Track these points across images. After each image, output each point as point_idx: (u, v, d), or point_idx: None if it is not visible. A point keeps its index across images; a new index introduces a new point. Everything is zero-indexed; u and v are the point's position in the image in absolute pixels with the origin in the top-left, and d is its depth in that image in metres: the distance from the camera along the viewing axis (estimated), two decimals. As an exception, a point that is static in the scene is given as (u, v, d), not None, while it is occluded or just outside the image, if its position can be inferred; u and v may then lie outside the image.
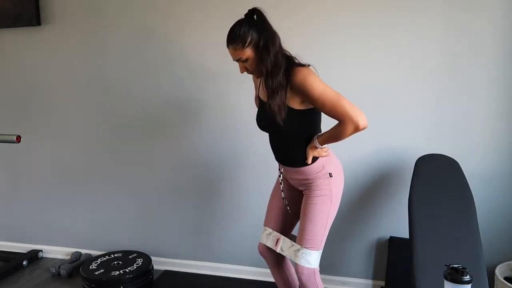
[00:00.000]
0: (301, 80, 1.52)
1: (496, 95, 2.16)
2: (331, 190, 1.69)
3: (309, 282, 1.69)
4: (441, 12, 2.14)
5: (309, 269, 1.67)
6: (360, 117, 1.52)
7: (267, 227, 1.86)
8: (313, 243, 1.67)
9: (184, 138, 2.59)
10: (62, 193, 2.87)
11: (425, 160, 2.10)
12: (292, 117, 1.59)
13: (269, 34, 1.56)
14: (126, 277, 2.37)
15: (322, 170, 1.69)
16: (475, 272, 1.59)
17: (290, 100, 1.58)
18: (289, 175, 1.78)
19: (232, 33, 1.56)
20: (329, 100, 1.52)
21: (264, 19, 1.58)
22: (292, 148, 1.68)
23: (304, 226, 1.68)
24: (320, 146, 1.64)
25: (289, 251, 1.73)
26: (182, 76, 2.50)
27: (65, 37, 2.66)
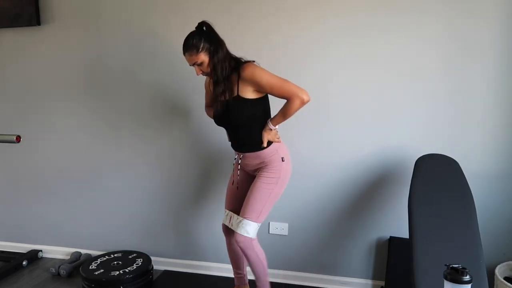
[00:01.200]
0: (249, 72, 1.81)
1: (495, 95, 2.16)
2: (280, 172, 1.93)
3: (247, 249, 1.93)
4: (440, 14, 2.15)
5: (246, 237, 1.91)
6: (304, 93, 1.80)
7: (226, 210, 2.13)
8: (253, 215, 1.91)
9: (184, 138, 2.59)
10: (62, 193, 2.87)
11: (425, 160, 2.10)
12: (246, 106, 1.86)
13: (216, 41, 1.85)
14: (126, 277, 2.37)
15: (276, 154, 1.94)
16: (475, 272, 1.59)
17: (243, 91, 1.85)
18: (246, 161, 2.01)
19: (187, 42, 1.84)
20: (276, 84, 1.81)
21: (212, 30, 1.87)
22: (248, 134, 1.93)
23: (248, 200, 1.94)
24: (273, 127, 1.91)
25: (235, 223, 1.98)
26: (182, 76, 2.50)
27: (64, 37, 2.66)
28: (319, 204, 2.47)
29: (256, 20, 2.37)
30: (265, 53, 2.36)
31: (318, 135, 2.39)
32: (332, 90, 2.34)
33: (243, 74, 1.82)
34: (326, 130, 2.38)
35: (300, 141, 2.41)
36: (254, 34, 2.38)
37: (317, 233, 2.50)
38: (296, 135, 2.40)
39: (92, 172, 2.79)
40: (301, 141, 2.41)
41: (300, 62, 2.35)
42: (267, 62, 2.24)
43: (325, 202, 2.46)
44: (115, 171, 2.75)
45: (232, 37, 2.02)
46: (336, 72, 2.31)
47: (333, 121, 2.37)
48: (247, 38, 2.38)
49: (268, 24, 2.35)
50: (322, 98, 2.34)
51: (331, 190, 2.43)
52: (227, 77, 1.85)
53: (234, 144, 2.02)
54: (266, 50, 2.37)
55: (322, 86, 2.34)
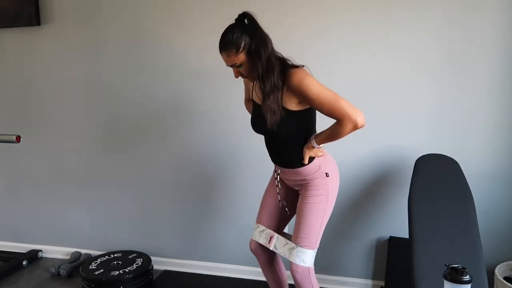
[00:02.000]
0: (298, 81, 1.54)
1: (496, 95, 2.16)
2: (327, 189, 1.70)
3: (303, 281, 1.70)
4: (441, 11, 2.14)
5: (303, 267, 1.69)
6: (359, 116, 1.53)
7: (259, 224, 1.87)
8: (308, 242, 1.68)
9: (183, 138, 2.59)
10: (62, 193, 2.87)
11: (425, 160, 2.10)
12: (289, 118, 1.60)
13: (261, 38, 1.55)
14: (126, 277, 2.37)
15: (319, 170, 1.70)
16: (474, 272, 1.59)
17: (287, 101, 1.59)
18: (285, 176, 1.79)
19: (225, 39, 1.55)
20: (327, 100, 1.54)
21: (255, 23, 1.57)
22: (288, 149, 1.70)
23: (300, 225, 1.69)
24: (317, 145, 1.66)
25: (283, 249, 1.74)
26: (181, 76, 2.50)
27: (64, 37, 2.66)
28: (319, 204, 2.46)
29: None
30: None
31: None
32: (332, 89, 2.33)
33: (290, 82, 1.54)
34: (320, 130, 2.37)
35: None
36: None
37: (317, 233, 2.50)
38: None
39: (92, 172, 2.79)
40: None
41: (298, 59, 2.33)
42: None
43: (325, 202, 2.45)
44: (115, 171, 2.75)
45: None
46: (335, 70, 2.31)
47: (333, 121, 2.36)
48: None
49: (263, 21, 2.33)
50: (322, 98, 2.34)
51: (331, 190, 2.43)
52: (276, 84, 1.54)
53: (272, 156, 1.79)
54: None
55: (322, 86, 2.34)
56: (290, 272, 1.71)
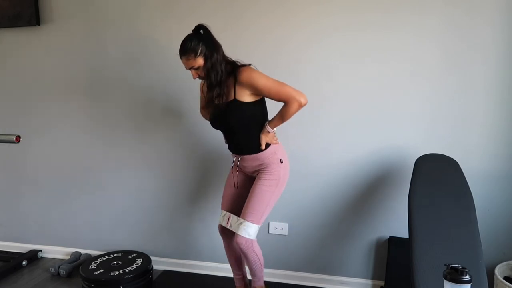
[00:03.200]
0: (246, 76, 1.80)
1: (495, 95, 2.16)
2: (279, 175, 1.95)
3: (248, 250, 1.95)
4: (440, 12, 2.15)
5: (247, 239, 1.93)
6: (302, 96, 1.81)
7: (222, 210, 2.13)
8: (254, 217, 1.92)
9: (184, 138, 2.59)
10: (62, 193, 2.87)
11: (425, 159, 2.10)
12: (243, 109, 1.86)
13: (213, 44, 1.83)
14: (126, 277, 2.37)
15: (274, 155, 1.95)
16: (474, 271, 1.59)
17: (240, 95, 1.84)
18: (245, 163, 2.01)
19: (185, 46, 1.82)
20: (273, 87, 1.81)
21: (209, 33, 1.85)
22: (246, 137, 1.94)
23: (249, 202, 1.94)
24: (271, 129, 1.91)
25: (235, 225, 1.98)
26: (181, 76, 2.50)
27: (64, 37, 2.66)
28: (319, 204, 2.47)
29: (252, 20, 2.36)
30: (260, 53, 2.36)
31: (317, 135, 2.39)
32: (331, 89, 2.34)
33: (239, 78, 1.81)
34: (326, 129, 2.38)
35: (300, 141, 2.41)
36: (249, 34, 2.38)
37: (317, 233, 2.50)
38: (296, 135, 2.40)
39: (92, 172, 2.79)
40: (301, 140, 2.41)
41: (298, 61, 2.35)
42: (263, 62, 2.25)
43: (325, 202, 2.46)
44: (114, 171, 2.75)
45: (227, 38, 2.02)
46: (335, 71, 2.31)
47: (332, 121, 2.37)
48: (242, 38, 2.38)
49: (263, 24, 2.35)
50: (321, 97, 2.34)
51: (331, 190, 2.43)
52: (222, 81, 1.84)
53: (232, 147, 2.03)
54: (261, 50, 2.37)
55: (321, 85, 2.34)
56: (236, 244, 1.95)
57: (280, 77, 1.88)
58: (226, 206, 2.13)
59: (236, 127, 1.92)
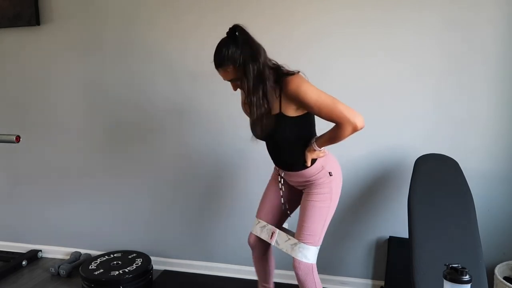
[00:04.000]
0: (295, 89, 1.55)
1: (495, 95, 2.16)
2: (331, 188, 1.73)
3: (306, 278, 1.72)
4: (441, 11, 2.14)
5: (306, 264, 1.71)
6: (358, 119, 1.55)
7: (260, 220, 1.90)
8: (312, 238, 1.71)
9: (183, 138, 2.59)
10: (62, 193, 2.87)
11: (425, 159, 2.10)
12: (288, 124, 1.64)
13: (254, 49, 1.56)
14: (126, 277, 2.37)
15: (322, 170, 1.73)
16: (474, 271, 1.59)
17: (285, 108, 1.61)
18: (289, 178, 1.82)
19: (220, 55, 1.55)
20: (325, 105, 1.55)
21: (247, 35, 1.57)
22: (290, 154, 1.72)
23: (304, 222, 1.72)
24: (318, 148, 1.68)
25: (285, 244, 1.77)
26: (182, 76, 2.50)
27: (64, 37, 2.66)
28: (319, 204, 2.46)
29: (249, 19, 2.35)
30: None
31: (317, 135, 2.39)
32: (330, 89, 2.32)
33: (286, 90, 1.56)
34: (326, 129, 2.37)
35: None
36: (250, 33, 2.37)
37: (316, 233, 2.50)
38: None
39: (92, 172, 2.79)
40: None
41: (297, 60, 2.33)
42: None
43: (325, 202, 2.45)
44: (114, 171, 2.75)
45: None
46: (335, 71, 2.31)
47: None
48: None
49: (261, 23, 2.34)
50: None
51: (331, 190, 2.43)
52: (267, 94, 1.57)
53: (275, 161, 1.82)
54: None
55: (321, 85, 2.31)
56: (293, 268, 1.73)
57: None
58: (266, 215, 1.89)
59: (280, 142, 1.71)
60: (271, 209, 1.89)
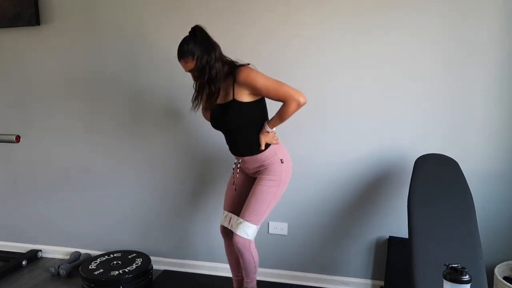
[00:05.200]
0: (244, 76, 1.79)
1: (495, 95, 2.16)
2: (281, 175, 1.92)
3: (245, 250, 1.93)
4: (440, 13, 2.15)
5: (245, 239, 1.92)
6: (301, 96, 1.79)
7: (224, 211, 2.13)
8: (254, 218, 1.91)
9: (183, 138, 2.59)
10: (62, 193, 2.87)
11: (425, 159, 2.10)
12: (242, 109, 1.84)
13: (209, 45, 1.81)
14: (126, 277, 2.37)
15: (275, 156, 1.93)
16: (474, 271, 1.59)
17: (239, 95, 1.83)
18: (246, 165, 2.00)
19: (182, 49, 1.80)
20: (272, 86, 1.79)
21: (204, 34, 1.82)
22: (246, 138, 1.92)
23: (249, 203, 1.93)
24: (270, 129, 1.89)
25: (235, 224, 1.97)
26: (181, 75, 2.50)
27: (64, 37, 2.66)
28: (319, 204, 2.47)
29: (253, 22, 2.36)
30: (262, 55, 2.36)
31: (317, 135, 2.39)
32: (331, 90, 2.34)
33: (238, 78, 1.80)
34: (326, 130, 2.38)
35: (300, 141, 2.41)
36: (251, 36, 2.37)
37: (316, 233, 2.50)
38: (296, 135, 2.40)
39: (92, 172, 2.79)
40: (301, 141, 2.41)
41: (298, 62, 2.35)
42: (265, 63, 2.25)
43: (325, 202, 2.46)
44: (114, 171, 2.75)
45: (229, 39, 1.99)
46: (335, 72, 2.31)
47: (332, 121, 2.37)
48: (244, 40, 2.38)
49: (265, 25, 2.35)
50: (321, 98, 2.34)
51: (331, 190, 2.43)
52: (217, 80, 1.82)
53: (232, 149, 2.02)
54: (263, 51, 2.37)
55: (321, 86, 2.34)
56: (233, 243, 1.94)
57: (281, 78, 1.87)
58: (228, 207, 2.12)
59: (235, 128, 1.90)
60: (231, 200, 2.11)
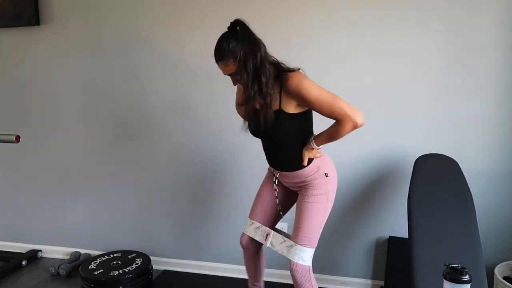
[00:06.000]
0: (296, 85, 1.55)
1: (495, 95, 2.16)
2: (327, 189, 1.72)
3: (304, 280, 1.71)
4: (441, 11, 2.14)
5: (303, 266, 1.70)
6: (358, 116, 1.56)
7: (254, 221, 1.89)
8: (308, 240, 1.70)
9: (183, 138, 2.59)
10: (62, 193, 2.87)
11: (425, 159, 2.10)
12: (288, 121, 1.62)
13: (254, 44, 1.55)
14: (125, 277, 2.37)
15: (318, 171, 1.72)
16: (474, 271, 1.59)
17: (285, 104, 1.60)
18: (285, 179, 1.80)
19: (221, 48, 1.54)
20: (326, 102, 1.56)
21: (248, 30, 1.57)
22: (287, 152, 1.71)
23: (300, 224, 1.70)
24: (316, 147, 1.67)
25: (280, 246, 1.75)
26: (180, 76, 2.50)
27: (64, 37, 2.66)
28: (319, 204, 2.46)
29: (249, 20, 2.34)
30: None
31: (317, 135, 2.39)
32: (331, 89, 2.33)
33: (287, 86, 1.55)
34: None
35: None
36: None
37: (316, 233, 2.50)
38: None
39: (92, 172, 2.79)
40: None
41: (297, 60, 2.31)
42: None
43: (325, 202, 2.45)
44: (114, 171, 2.75)
45: None
46: (334, 70, 2.31)
47: (332, 121, 2.36)
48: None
49: (263, 23, 2.34)
50: (322, 98, 2.34)
51: (331, 190, 2.43)
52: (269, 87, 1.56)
53: (270, 160, 1.81)
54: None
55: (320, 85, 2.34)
56: (290, 271, 1.72)
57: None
58: (259, 216, 1.88)
59: (278, 140, 1.69)
60: (264, 210, 1.88)
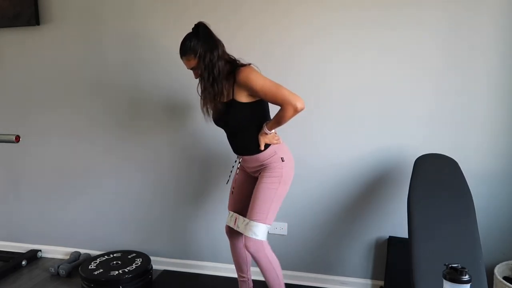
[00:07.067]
0: (244, 77, 1.77)
1: (495, 95, 2.16)
2: (281, 173, 1.90)
3: (258, 252, 1.87)
4: (441, 10, 2.14)
5: (256, 240, 1.86)
6: (298, 101, 1.75)
7: (229, 211, 2.12)
8: (260, 216, 1.87)
9: (183, 138, 2.59)
10: (62, 193, 2.87)
11: (425, 159, 2.10)
12: (242, 110, 1.83)
13: (212, 43, 1.79)
14: (125, 277, 2.37)
15: (275, 155, 1.91)
16: (474, 271, 1.59)
17: (238, 95, 1.82)
18: (246, 164, 2.00)
19: (184, 46, 1.79)
20: (269, 90, 1.76)
21: (208, 31, 1.81)
22: (245, 138, 1.91)
23: (253, 202, 1.90)
24: (268, 131, 1.87)
25: (242, 225, 1.95)
26: (181, 76, 2.50)
27: (64, 37, 2.66)
28: (319, 204, 2.47)
29: (248, 18, 2.36)
30: (256, 52, 2.35)
31: (317, 135, 2.39)
32: (330, 89, 2.34)
33: (238, 78, 1.78)
34: (325, 129, 2.38)
35: (299, 141, 2.41)
36: (245, 32, 2.37)
37: (316, 233, 2.50)
38: (295, 135, 2.40)
39: (91, 172, 2.79)
40: (300, 140, 2.41)
41: (295, 60, 2.34)
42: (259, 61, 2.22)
43: (325, 202, 2.46)
44: (114, 171, 2.75)
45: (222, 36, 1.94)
46: (334, 70, 2.31)
47: (332, 120, 2.37)
48: (238, 36, 2.37)
49: (259, 21, 2.35)
50: (321, 97, 2.34)
51: (331, 190, 2.43)
52: (219, 80, 1.80)
53: (233, 147, 2.01)
54: (257, 48, 2.36)
55: (319, 85, 2.34)
56: (245, 248, 1.88)
57: (276, 77, 1.86)
58: (232, 206, 2.11)
59: (235, 127, 1.91)
60: (234, 199, 2.10)
